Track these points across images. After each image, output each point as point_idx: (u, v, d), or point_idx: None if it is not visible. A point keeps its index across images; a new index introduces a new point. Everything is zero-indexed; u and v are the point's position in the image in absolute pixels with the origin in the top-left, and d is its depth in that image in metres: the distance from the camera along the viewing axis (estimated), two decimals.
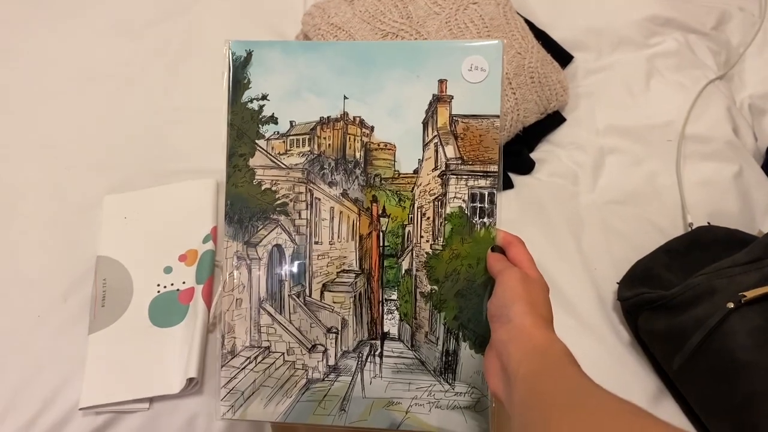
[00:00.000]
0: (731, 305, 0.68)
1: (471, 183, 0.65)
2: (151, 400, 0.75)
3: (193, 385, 0.74)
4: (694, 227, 0.86)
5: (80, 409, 0.73)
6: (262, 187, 0.66)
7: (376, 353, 0.67)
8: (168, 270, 0.82)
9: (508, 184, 0.92)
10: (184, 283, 0.81)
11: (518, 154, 0.94)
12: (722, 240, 0.81)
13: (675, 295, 0.73)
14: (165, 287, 0.81)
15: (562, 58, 1.03)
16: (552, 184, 0.93)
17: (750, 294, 0.68)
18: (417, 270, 0.66)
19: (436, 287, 0.65)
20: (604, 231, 0.89)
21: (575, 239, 0.89)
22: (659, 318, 0.74)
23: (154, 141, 0.97)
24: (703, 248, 0.81)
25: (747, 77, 1.07)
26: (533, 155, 0.96)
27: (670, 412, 0.76)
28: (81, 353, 0.77)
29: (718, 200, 0.91)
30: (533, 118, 0.95)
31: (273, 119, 0.66)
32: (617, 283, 0.83)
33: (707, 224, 0.86)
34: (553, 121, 0.98)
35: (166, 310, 0.79)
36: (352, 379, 0.66)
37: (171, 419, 0.74)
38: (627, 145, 0.96)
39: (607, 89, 1.02)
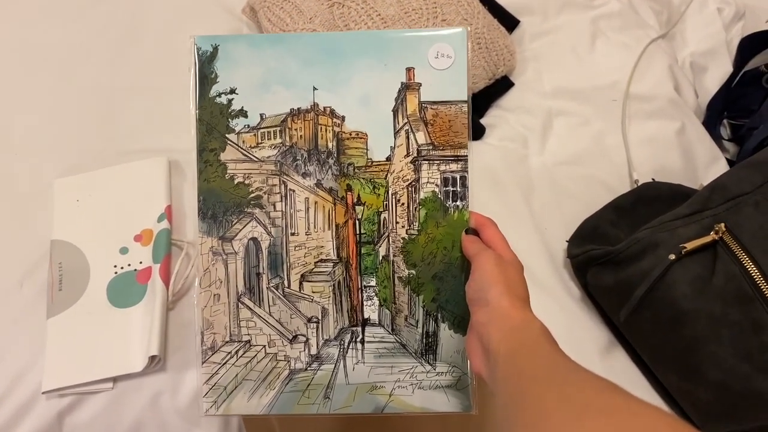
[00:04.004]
0: (673, 257, 0.71)
1: (443, 168, 0.66)
2: (115, 379, 0.75)
3: (155, 363, 0.75)
4: (639, 184, 0.89)
5: (43, 392, 0.73)
6: (235, 181, 0.66)
7: (358, 339, 0.68)
8: (124, 251, 0.82)
9: None
10: (141, 263, 0.81)
11: None
12: (666, 195, 0.84)
13: (620, 250, 0.75)
14: (122, 268, 0.81)
15: (509, 22, 1.04)
16: (503, 149, 0.95)
17: (690, 245, 0.70)
18: (394, 255, 0.67)
19: (413, 271, 0.67)
20: (554, 192, 0.91)
21: (526, 201, 0.90)
22: (606, 273, 0.77)
23: (103, 122, 0.95)
24: (647, 204, 0.83)
25: (688, 35, 1.09)
26: (483, 121, 0.97)
27: (620, 362, 0.80)
28: (41, 338, 0.76)
29: (662, 157, 0.94)
30: (482, 84, 0.96)
31: (243, 113, 0.66)
32: (566, 241, 0.85)
33: (652, 180, 0.89)
34: (501, 86, 0.99)
35: (125, 290, 0.79)
36: (335, 366, 0.67)
37: (136, 397, 0.74)
38: (574, 107, 0.98)
39: (554, 52, 1.03)
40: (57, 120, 0.96)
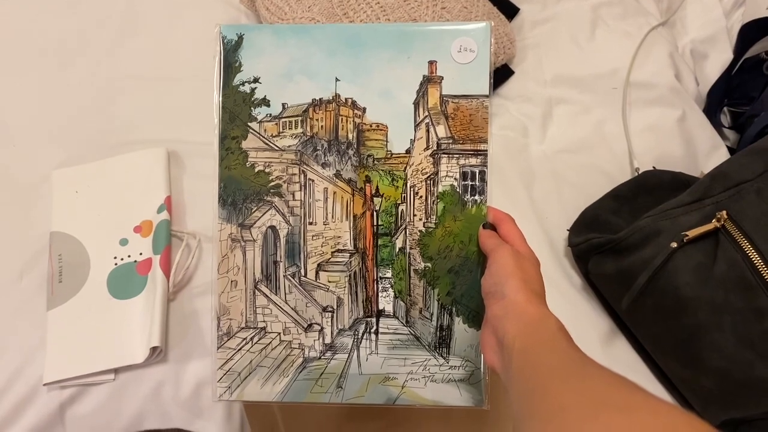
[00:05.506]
0: (674, 245, 0.71)
1: (462, 162, 0.66)
2: (116, 370, 0.75)
3: (157, 354, 0.75)
4: (640, 172, 0.89)
5: (45, 384, 0.73)
6: (256, 169, 0.66)
7: (372, 330, 0.68)
8: (124, 242, 0.82)
9: None
10: (141, 254, 0.81)
11: None
12: (667, 183, 0.84)
13: (622, 238, 0.75)
14: (122, 259, 0.81)
15: (509, 10, 1.03)
16: (503, 137, 0.95)
17: (692, 233, 0.70)
18: (411, 248, 0.67)
19: (429, 264, 0.66)
20: (554, 180, 0.91)
21: (527, 190, 0.90)
22: (608, 261, 0.77)
23: (101, 113, 0.94)
24: (648, 192, 0.83)
25: (689, 22, 1.09)
26: None
27: (621, 350, 0.80)
28: (41, 330, 0.76)
29: (663, 145, 0.94)
30: None
31: (265, 101, 0.66)
32: (567, 230, 0.85)
33: (653, 168, 0.88)
34: (501, 74, 0.99)
35: (125, 281, 0.79)
36: (349, 356, 0.67)
37: (137, 388, 0.74)
38: (574, 95, 0.98)
39: (554, 40, 1.03)
40: (55, 111, 0.95)
